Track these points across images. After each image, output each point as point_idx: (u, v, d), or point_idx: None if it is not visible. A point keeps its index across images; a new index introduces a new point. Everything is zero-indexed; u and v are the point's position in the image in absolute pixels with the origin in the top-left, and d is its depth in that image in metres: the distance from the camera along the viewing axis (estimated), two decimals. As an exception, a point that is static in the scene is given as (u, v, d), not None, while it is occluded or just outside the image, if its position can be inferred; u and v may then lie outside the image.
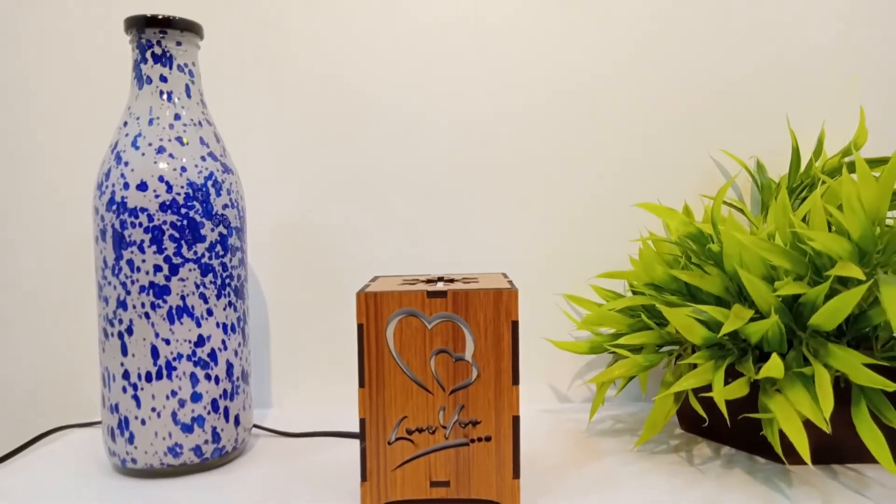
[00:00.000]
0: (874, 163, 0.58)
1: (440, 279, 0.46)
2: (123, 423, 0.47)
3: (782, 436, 0.47)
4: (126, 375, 0.47)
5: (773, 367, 0.40)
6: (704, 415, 0.46)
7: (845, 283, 0.44)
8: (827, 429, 0.39)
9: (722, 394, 0.42)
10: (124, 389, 0.47)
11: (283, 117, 0.64)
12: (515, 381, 0.41)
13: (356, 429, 0.57)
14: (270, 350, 0.65)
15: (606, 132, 0.64)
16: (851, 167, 0.58)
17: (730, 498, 0.42)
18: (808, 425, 0.46)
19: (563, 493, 0.44)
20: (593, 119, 0.64)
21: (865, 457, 0.47)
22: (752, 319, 0.44)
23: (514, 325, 0.41)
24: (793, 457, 0.47)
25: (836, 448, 0.47)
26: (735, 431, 0.51)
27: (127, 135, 0.47)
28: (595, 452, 0.51)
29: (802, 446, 0.39)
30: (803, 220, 0.51)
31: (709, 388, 0.51)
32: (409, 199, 0.64)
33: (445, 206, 0.64)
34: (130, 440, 0.47)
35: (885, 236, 0.43)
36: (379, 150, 0.64)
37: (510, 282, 0.44)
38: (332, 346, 0.65)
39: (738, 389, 0.43)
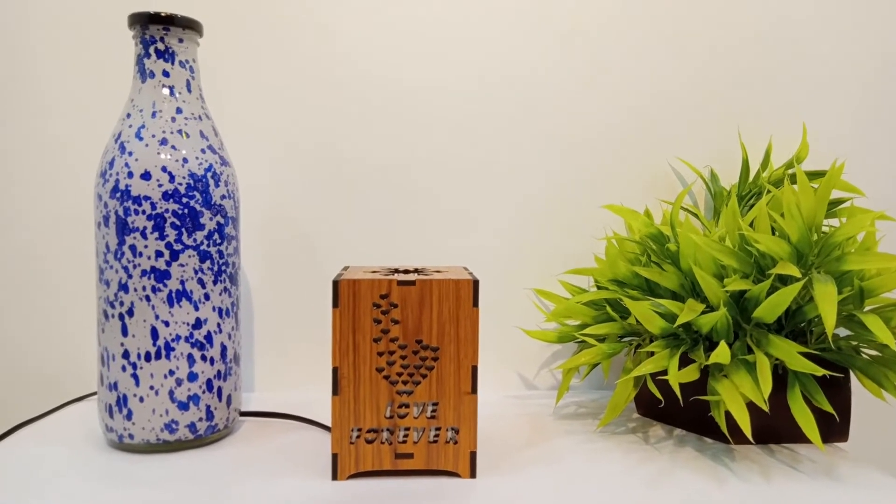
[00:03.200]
0: (814, 175, 0.65)
1: (406, 270, 0.50)
2: (122, 401, 0.49)
3: (728, 417, 0.53)
4: (126, 355, 0.49)
5: (721, 353, 0.45)
6: (660, 396, 0.51)
7: (785, 281, 0.50)
8: (766, 408, 0.44)
9: (676, 377, 0.47)
10: (123, 368, 0.49)
11: (270, 114, 0.67)
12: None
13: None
14: (253, 336, 0.68)
15: (576, 141, 0.69)
16: (794, 178, 0.64)
17: (681, 472, 0.48)
18: (751, 408, 0.52)
19: (523, 465, 0.48)
20: (564, 128, 0.69)
21: (799, 437, 0.53)
22: (703, 312, 0.50)
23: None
24: (737, 436, 0.53)
25: (774, 429, 0.53)
26: (686, 414, 0.56)
27: (131, 126, 0.50)
28: (559, 432, 0.56)
29: (745, 424, 0.44)
30: (750, 224, 0.57)
31: (665, 373, 0.56)
32: (389, 195, 0.68)
33: (423, 203, 0.68)
34: (128, 417, 0.49)
35: (820, 241, 0.49)
36: (359, 149, 0.68)
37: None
38: (311, 333, 0.68)
39: (690, 374, 0.48)
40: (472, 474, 0.46)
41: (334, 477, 0.45)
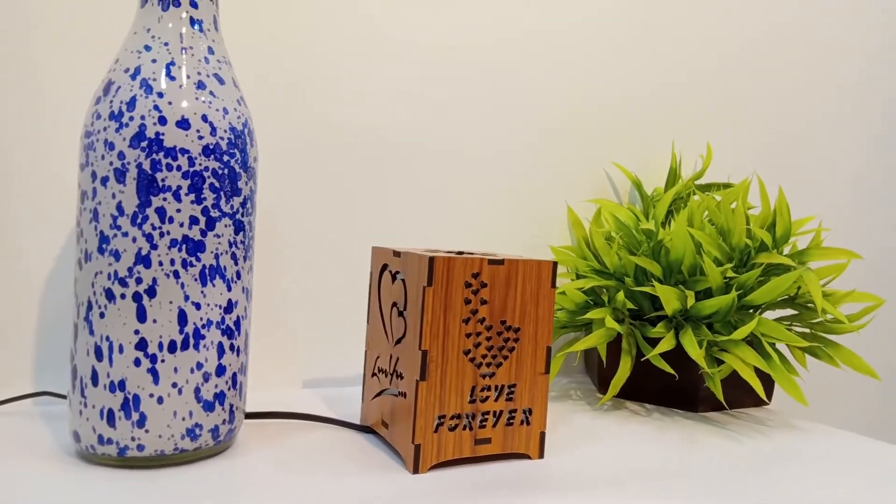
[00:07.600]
0: (721, 187, 0.77)
1: (457, 252, 0.48)
2: (131, 403, 0.39)
3: (692, 390, 0.60)
4: (142, 345, 0.39)
5: (745, 331, 0.52)
6: (674, 372, 0.56)
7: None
8: (774, 376, 0.52)
9: (699, 354, 0.53)
10: (137, 362, 0.39)
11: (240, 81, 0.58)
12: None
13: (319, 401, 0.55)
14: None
15: (519, 142, 0.72)
16: (700, 188, 0.76)
17: (700, 435, 0.53)
18: (699, 381, 0.60)
19: (571, 443, 0.50)
20: (509, 129, 0.71)
21: (740, 403, 0.63)
22: (703, 298, 0.56)
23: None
24: (704, 405, 0.61)
25: (724, 397, 0.62)
26: (651, 389, 0.63)
27: (154, 61, 0.40)
28: (564, 412, 0.58)
29: (759, 388, 0.52)
30: (711, 222, 0.66)
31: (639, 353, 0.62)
32: (361, 175, 0.64)
33: (394, 183, 0.65)
34: (140, 423, 0.39)
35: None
36: (327, 132, 0.62)
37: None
38: (276, 320, 0.61)
39: (704, 352, 0.54)
40: (541, 454, 0.46)
41: (415, 470, 0.42)
